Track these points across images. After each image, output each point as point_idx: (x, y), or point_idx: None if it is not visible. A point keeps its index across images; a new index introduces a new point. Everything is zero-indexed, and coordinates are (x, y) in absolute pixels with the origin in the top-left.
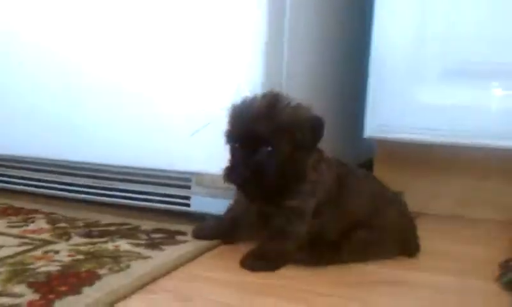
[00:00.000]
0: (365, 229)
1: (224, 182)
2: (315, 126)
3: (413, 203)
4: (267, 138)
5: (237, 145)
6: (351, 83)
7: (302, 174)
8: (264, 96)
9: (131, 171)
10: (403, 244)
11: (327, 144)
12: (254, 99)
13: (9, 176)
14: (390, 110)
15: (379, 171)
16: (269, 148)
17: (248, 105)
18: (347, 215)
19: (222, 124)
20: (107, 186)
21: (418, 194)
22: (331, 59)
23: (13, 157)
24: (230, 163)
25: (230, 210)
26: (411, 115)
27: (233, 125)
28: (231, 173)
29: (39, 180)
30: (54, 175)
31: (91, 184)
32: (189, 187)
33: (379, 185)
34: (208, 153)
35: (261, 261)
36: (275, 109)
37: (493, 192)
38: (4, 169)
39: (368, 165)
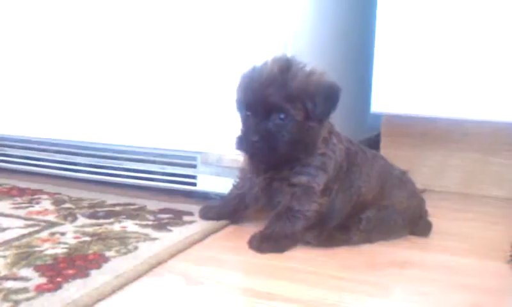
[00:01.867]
0: (374, 209)
1: (236, 150)
2: (329, 95)
3: (419, 179)
4: (278, 105)
5: (248, 113)
6: (358, 60)
7: (313, 145)
8: (275, 61)
9: (136, 150)
10: (413, 223)
11: (335, 119)
12: (265, 65)
13: (13, 156)
14: (396, 86)
15: (385, 148)
16: (281, 116)
17: (259, 71)
18: (356, 195)
19: (227, 104)
20: (111, 165)
21: (424, 170)
22: (342, 35)
23: (17, 137)
24: (241, 132)
25: (236, 187)
26: (416, 90)
27: (243, 93)
28: (242, 142)
29: (43, 160)
30: (58, 155)
31: (95, 163)
32: (194, 166)
33: (387, 164)
34: (213, 131)
35: (269, 242)
36: (287, 75)
37: (500, 168)
38: (8, 149)
39: (373, 141)
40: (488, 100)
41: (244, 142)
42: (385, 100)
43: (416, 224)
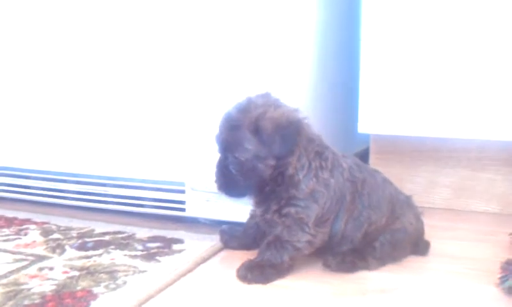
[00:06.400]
0: (388, 234)
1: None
2: (278, 136)
3: None
4: (230, 147)
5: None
6: (344, 76)
7: (282, 179)
8: (240, 101)
9: (124, 176)
10: (416, 244)
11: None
12: (232, 106)
13: (1, 185)
14: (382, 107)
15: (374, 165)
16: (233, 155)
17: (226, 112)
18: (367, 223)
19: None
20: (100, 192)
21: (412, 187)
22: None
23: (5, 166)
24: None
25: (251, 216)
26: (402, 110)
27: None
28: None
29: (31, 188)
30: (46, 182)
31: (84, 191)
32: (183, 192)
33: (395, 189)
34: (201, 157)
35: (254, 272)
36: (243, 116)
37: (488, 183)
38: None
39: (362, 155)
40: (475, 119)
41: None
42: (372, 120)
43: (417, 244)
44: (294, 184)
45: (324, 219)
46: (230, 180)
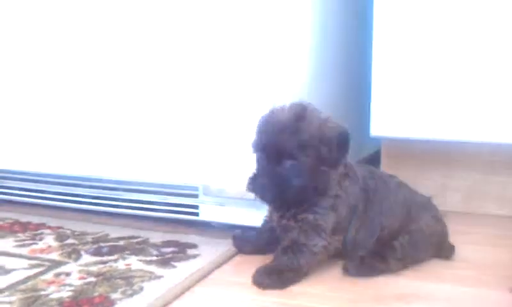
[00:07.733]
0: (407, 235)
1: (247, 191)
2: (341, 143)
3: None
4: (289, 152)
5: (262, 156)
6: (355, 79)
7: (324, 188)
8: (291, 107)
9: (138, 181)
10: (438, 247)
11: None
12: (282, 110)
13: (15, 189)
14: (394, 110)
15: (385, 168)
16: (293, 162)
17: (275, 117)
18: (379, 229)
19: (229, 136)
20: (114, 196)
21: (424, 190)
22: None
23: (18, 170)
24: (255, 173)
25: (266, 220)
26: (415, 113)
27: (259, 136)
28: (254, 183)
29: (45, 192)
30: (59, 187)
31: (97, 195)
32: (196, 196)
33: (411, 192)
34: (214, 162)
35: (271, 277)
36: (302, 122)
37: (501, 187)
38: (10, 181)
39: (373, 158)
40: (487, 122)
41: (256, 184)
42: (384, 123)
43: (440, 247)
44: (325, 192)
45: (340, 227)
46: (281, 188)
